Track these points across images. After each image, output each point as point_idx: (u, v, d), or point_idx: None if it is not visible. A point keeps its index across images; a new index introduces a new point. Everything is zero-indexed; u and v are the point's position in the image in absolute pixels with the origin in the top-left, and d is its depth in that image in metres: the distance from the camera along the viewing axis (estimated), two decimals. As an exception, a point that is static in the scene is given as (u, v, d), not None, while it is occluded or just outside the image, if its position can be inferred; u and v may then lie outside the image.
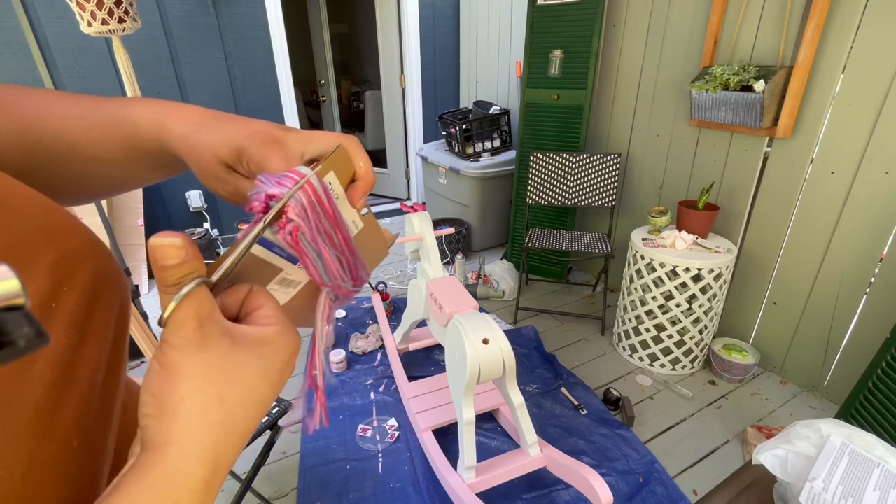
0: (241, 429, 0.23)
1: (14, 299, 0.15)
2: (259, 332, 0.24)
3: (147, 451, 0.21)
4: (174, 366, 0.21)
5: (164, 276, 0.21)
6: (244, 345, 0.23)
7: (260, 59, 3.00)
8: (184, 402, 0.21)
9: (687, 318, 1.91)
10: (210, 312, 0.22)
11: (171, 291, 0.21)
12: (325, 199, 0.28)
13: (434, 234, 1.70)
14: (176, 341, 0.21)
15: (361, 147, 0.32)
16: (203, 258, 0.23)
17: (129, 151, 0.32)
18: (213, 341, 0.22)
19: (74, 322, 0.23)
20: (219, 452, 0.22)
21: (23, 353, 0.15)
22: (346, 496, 1.46)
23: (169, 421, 0.21)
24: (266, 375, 0.24)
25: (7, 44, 2.34)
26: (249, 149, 0.29)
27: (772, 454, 0.68)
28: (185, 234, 0.22)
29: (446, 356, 1.39)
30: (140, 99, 0.33)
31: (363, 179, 0.32)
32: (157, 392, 0.21)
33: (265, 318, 0.25)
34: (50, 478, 0.21)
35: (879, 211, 1.60)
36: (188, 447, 0.21)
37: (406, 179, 4.08)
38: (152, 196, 2.88)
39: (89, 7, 1.35)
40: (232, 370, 0.22)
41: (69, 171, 0.33)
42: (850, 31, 1.56)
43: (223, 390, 0.22)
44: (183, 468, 0.20)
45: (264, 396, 0.24)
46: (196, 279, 0.22)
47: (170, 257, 0.21)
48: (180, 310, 0.21)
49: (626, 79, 2.40)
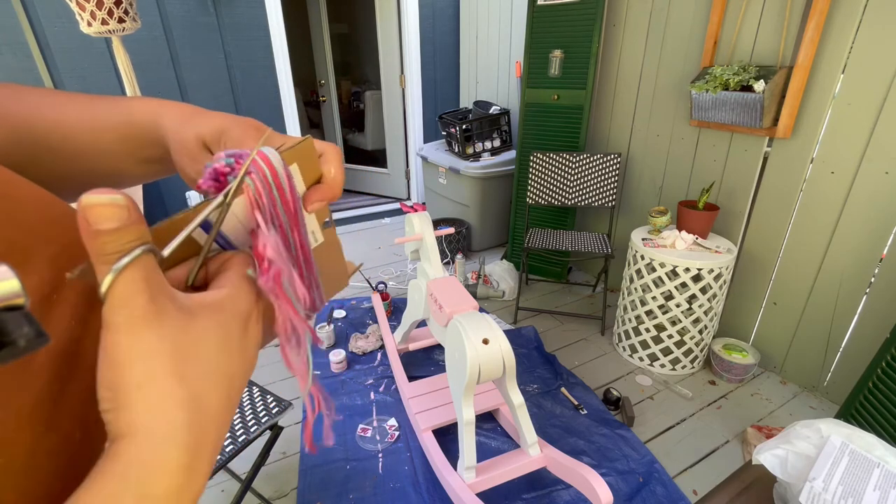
0: (214, 405, 0.21)
1: (14, 299, 0.15)
2: (212, 296, 0.23)
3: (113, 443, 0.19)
4: (122, 350, 0.19)
5: (101, 244, 0.18)
6: (202, 314, 0.21)
7: (260, 59, 3.00)
8: (140, 390, 0.19)
9: (687, 318, 1.91)
10: (161, 283, 0.20)
11: (110, 261, 0.18)
12: (287, 185, 0.26)
13: (434, 234, 1.70)
14: (122, 320, 0.18)
15: (340, 157, 0.31)
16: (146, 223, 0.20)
17: (123, 142, 0.32)
18: (167, 316, 0.19)
19: (76, 314, 0.23)
20: (192, 432, 0.20)
21: (23, 353, 0.15)
22: (346, 496, 1.46)
23: (129, 412, 0.19)
24: (226, 344, 0.22)
25: (7, 44, 2.34)
26: (232, 130, 0.30)
27: (772, 454, 0.68)
28: (127, 194, 0.19)
29: (446, 356, 1.39)
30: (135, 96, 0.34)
31: (328, 184, 0.30)
32: (111, 384, 0.19)
33: (220, 281, 0.24)
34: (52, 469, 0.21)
35: (879, 211, 1.60)
36: (155, 433, 0.19)
37: (406, 179, 4.08)
38: (152, 197, 2.88)
39: (89, 7, 1.35)
40: (190, 345, 0.20)
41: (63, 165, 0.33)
42: (850, 31, 1.56)
43: (182, 368, 0.20)
44: (153, 454, 0.19)
45: (231, 367, 0.22)
46: (142, 246, 0.19)
47: (108, 219, 0.18)
48: (124, 282, 0.18)
49: (626, 79, 2.40)
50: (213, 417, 0.21)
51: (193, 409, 0.20)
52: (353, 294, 2.71)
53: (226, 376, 0.22)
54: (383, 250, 3.33)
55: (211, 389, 0.21)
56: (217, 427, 0.22)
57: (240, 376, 0.23)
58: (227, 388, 0.22)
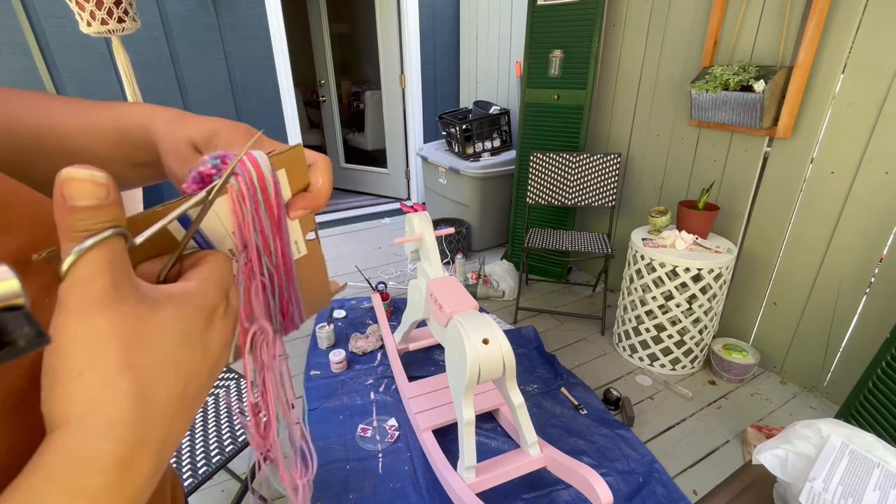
0: (162, 397, 0.20)
1: (14, 299, 0.15)
2: (179, 287, 0.22)
3: (49, 433, 0.18)
4: (69, 335, 0.17)
5: (73, 220, 0.17)
6: (166, 305, 0.21)
7: (260, 59, 3.00)
8: (81, 376, 0.18)
9: (687, 318, 1.91)
10: (126, 269, 0.19)
11: (78, 238, 0.17)
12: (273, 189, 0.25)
13: (434, 234, 1.70)
14: (77, 302, 0.17)
15: (330, 168, 0.31)
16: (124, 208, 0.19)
17: (116, 146, 0.33)
18: (125, 304, 0.18)
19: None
20: (136, 425, 0.19)
21: (23, 353, 0.15)
22: (346, 496, 1.46)
23: (66, 399, 0.18)
24: (185, 337, 0.21)
25: (7, 44, 2.34)
26: (223, 132, 0.30)
27: (772, 454, 0.68)
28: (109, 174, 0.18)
29: (446, 356, 1.39)
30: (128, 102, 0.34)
31: (314, 193, 0.29)
32: (51, 369, 0.18)
33: (191, 274, 0.23)
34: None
35: (879, 211, 1.60)
36: (90, 423, 0.18)
37: (406, 179, 4.08)
38: (152, 198, 2.88)
39: (89, 7, 1.35)
40: (145, 334, 0.19)
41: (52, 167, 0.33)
42: (850, 31, 1.56)
43: (131, 357, 0.19)
44: (86, 447, 0.18)
45: (187, 361, 0.21)
46: (114, 227, 0.18)
47: (85, 195, 0.17)
48: (86, 264, 0.17)
49: (626, 79, 2.40)
50: (161, 412, 0.20)
51: (138, 402, 0.19)
52: (353, 294, 2.71)
53: (182, 371, 0.21)
54: (383, 250, 3.33)
55: (163, 383, 0.20)
56: (167, 423, 0.20)
57: (201, 373, 0.22)
58: (182, 384, 0.21)
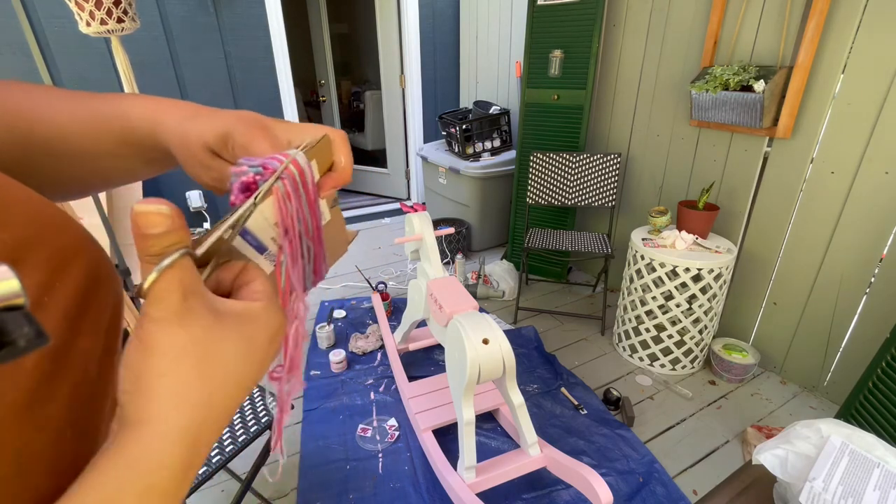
0: (221, 408, 0.22)
1: (14, 299, 0.15)
2: (245, 306, 0.24)
3: (124, 428, 0.20)
4: (154, 340, 0.20)
5: (147, 245, 0.20)
6: (229, 321, 0.22)
7: (260, 59, 3.00)
8: (162, 379, 0.20)
9: (687, 318, 1.91)
10: (195, 285, 0.21)
11: (153, 261, 0.20)
12: (311, 182, 0.28)
13: (434, 234, 1.70)
14: (157, 314, 0.20)
15: (347, 142, 0.32)
16: (189, 230, 0.22)
17: (122, 145, 0.32)
18: (196, 315, 0.21)
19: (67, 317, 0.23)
20: (198, 432, 0.21)
21: (23, 353, 0.15)
22: (346, 496, 1.46)
23: (146, 398, 0.20)
24: (249, 354, 0.23)
25: (7, 44, 2.34)
26: (235, 133, 0.29)
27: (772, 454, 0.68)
28: (173, 204, 0.21)
29: (446, 356, 1.39)
30: (133, 94, 0.33)
31: (339, 172, 0.31)
32: (135, 367, 0.20)
33: (253, 293, 0.25)
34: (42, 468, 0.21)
35: (879, 211, 1.60)
36: (165, 426, 0.20)
37: (406, 179, 4.08)
38: (151, 192, 2.88)
39: (88, 7, 1.35)
40: (214, 347, 0.21)
41: (62, 165, 0.33)
42: (850, 31, 1.56)
43: (204, 367, 0.21)
44: (159, 447, 0.20)
45: (247, 375, 0.23)
46: (181, 250, 0.21)
47: (154, 225, 0.20)
48: (162, 281, 0.20)
49: (626, 79, 2.40)
50: (217, 420, 0.22)
51: (205, 409, 0.21)
52: (353, 294, 2.71)
53: (240, 384, 0.23)
54: (383, 250, 3.33)
55: (224, 394, 0.22)
56: (218, 431, 0.22)
57: (250, 386, 0.24)
58: (237, 396, 0.23)
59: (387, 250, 3.32)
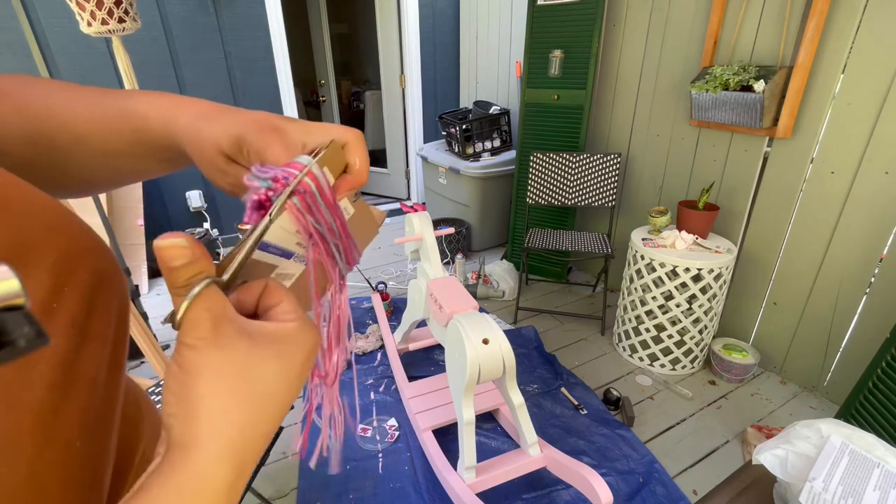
0: (263, 428, 0.23)
1: (14, 299, 0.15)
2: (277, 328, 0.24)
3: (172, 451, 0.21)
4: (192, 365, 0.21)
5: (173, 278, 0.21)
6: (263, 343, 0.23)
7: (260, 59, 3.00)
8: (204, 401, 0.21)
9: (687, 318, 1.91)
10: (223, 310, 0.22)
11: (182, 293, 0.21)
12: (327, 188, 0.28)
13: (434, 234, 1.70)
14: (191, 341, 0.21)
15: (363, 143, 0.31)
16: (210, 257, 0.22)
17: (136, 145, 0.32)
18: (230, 339, 0.22)
19: (75, 322, 0.23)
20: (242, 453, 0.22)
21: (23, 353, 0.15)
22: (346, 496, 1.46)
23: (193, 421, 0.21)
24: (285, 373, 0.24)
25: (7, 44, 2.34)
26: (249, 137, 0.28)
27: (772, 454, 0.68)
28: (189, 235, 0.22)
29: (446, 356, 1.39)
30: (146, 91, 0.32)
31: (353, 175, 0.31)
32: (179, 392, 0.21)
33: (283, 314, 0.25)
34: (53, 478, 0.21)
35: (879, 211, 1.60)
36: (212, 448, 0.21)
37: (406, 179, 4.08)
38: (152, 196, 2.88)
39: (89, 7, 1.35)
40: (251, 368, 0.22)
41: (73, 162, 0.33)
42: (850, 31, 1.56)
43: (243, 389, 0.22)
44: (207, 469, 0.20)
45: (284, 394, 0.24)
46: (205, 279, 0.22)
47: (175, 258, 0.21)
48: (192, 310, 0.21)
49: (626, 79, 2.40)
50: (259, 440, 0.23)
51: (248, 430, 0.22)
52: (353, 294, 2.71)
53: (279, 403, 0.23)
54: (383, 250, 3.33)
55: (264, 415, 0.23)
56: (260, 450, 0.23)
57: (288, 404, 0.25)
58: (277, 415, 0.23)
59: (387, 250, 3.32)
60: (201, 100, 0.32)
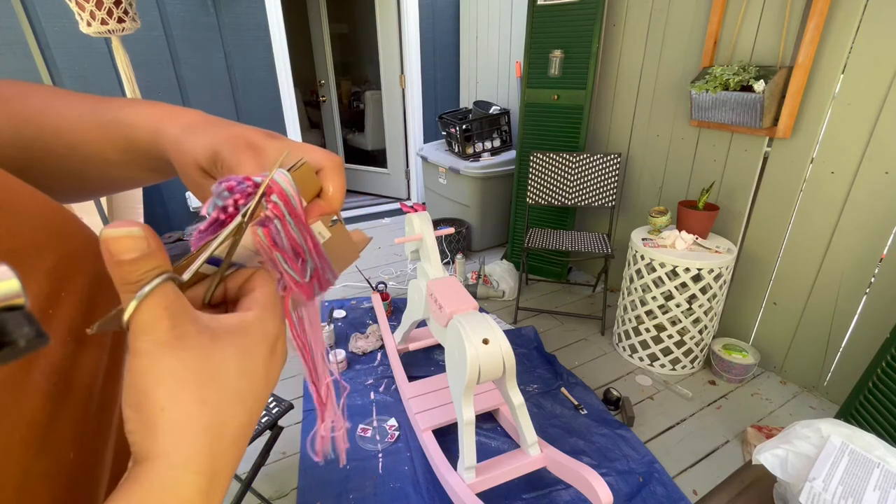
0: (232, 430, 0.21)
1: (14, 299, 0.15)
2: (238, 319, 0.23)
3: (136, 465, 0.19)
4: (147, 374, 0.19)
5: (123, 273, 0.18)
6: (225, 338, 0.21)
7: (260, 59, 3.00)
8: (164, 412, 0.19)
9: (687, 318, 1.91)
10: (183, 309, 0.20)
11: (132, 290, 0.18)
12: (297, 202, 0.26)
13: (434, 234, 1.70)
14: (145, 346, 0.19)
15: (341, 170, 0.30)
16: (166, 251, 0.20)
17: (126, 154, 0.32)
18: (188, 341, 0.20)
19: (72, 329, 0.22)
20: (212, 457, 0.20)
21: (23, 354, 0.15)
22: (346, 496, 1.46)
23: (152, 434, 0.19)
24: (249, 370, 0.22)
25: (7, 44, 2.34)
26: (223, 153, 0.27)
27: (772, 454, 0.68)
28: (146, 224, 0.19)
29: (446, 356, 1.39)
30: (139, 101, 0.32)
31: (326, 201, 0.29)
32: (135, 405, 0.19)
33: (248, 303, 0.24)
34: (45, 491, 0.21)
35: (879, 211, 1.60)
36: (175, 457, 0.19)
37: (406, 179, 4.08)
38: (152, 197, 2.88)
39: (88, 7, 1.35)
40: (212, 369, 0.20)
41: (67, 170, 0.33)
42: (850, 31, 1.56)
43: (204, 392, 0.20)
44: (173, 479, 0.19)
45: (252, 392, 0.22)
46: (162, 274, 0.19)
47: (127, 250, 0.18)
48: (146, 310, 0.19)
49: (626, 79, 2.40)
50: (231, 442, 0.21)
51: (214, 434, 0.20)
52: (353, 294, 2.71)
53: (246, 400, 0.22)
54: (383, 250, 3.33)
55: (231, 414, 0.21)
56: (235, 452, 0.22)
57: (260, 400, 0.23)
58: (247, 413, 0.22)
59: (387, 250, 3.32)
60: (193, 111, 0.31)
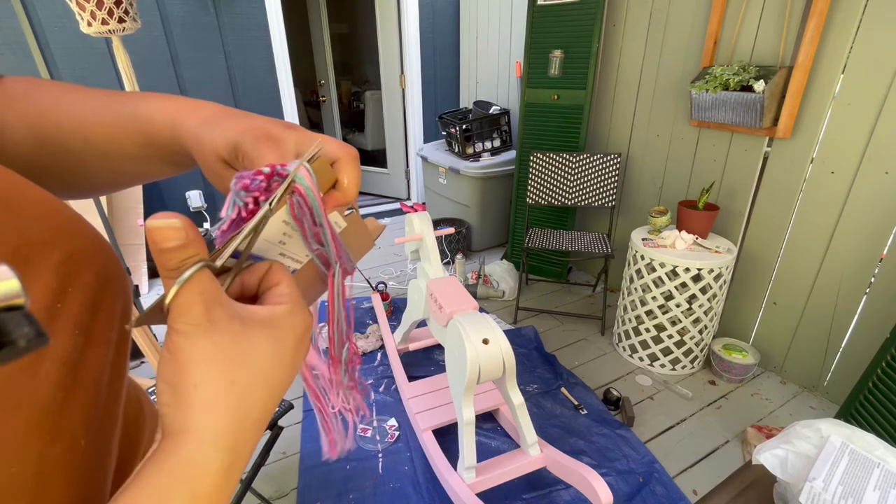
0: (257, 412, 0.23)
1: (14, 299, 0.15)
2: (269, 311, 0.24)
3: (166, 438, 0.21)
4: (183, 352, 0.21)
5: (164, 260, 0.20)
6: (255, 326, 0.23)
7: (260, 59, 3.00)
8: (196, 389, 0.21)
9: (687, 318, 1.91)
10: (216, 296, 0.22)
11: (173, 276, 0.21)
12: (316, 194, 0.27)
13: (434, 234, 1.70)
14: (182, 327, 0.21)
15: (356, 163, 0.31)
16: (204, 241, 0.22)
17: (144, 147, 0.32)
18: (221, 325, 0.21)
19: (80, 323, 0.23)
20: (236, 437, 0.22)
21: (23, 353, 0.15)
22: (346, 496, 1.46)
23: (184, 408, 0.21)
24: (278, 357, 0.24)
25: (7, 44, 2.34)
26: (244, 145, 0.28)
27: (772, 454, 0.68)
28: (184, 216, 0.21)
29: (446, 356, 1.39)
30: (154, 95, 0.32)
31: (341, 192, 0.30)
32: (170, 380, 0.21)
33: (277, 297, 0.25)
34: (59, 477, 0.22)
35: (879, 211, 1.60)
36: (204, 433, 0.21)
37: (406, 179, 4.08)
38: (152, 196, 2.88)
39: (89, 7, 1.35)
40: (242, 353, 0.22)
41: (83, 165, 0.33)
42: (850, 31, 1.56)
43: (234, 374, 0.22)
44: (200, 454, 0.21)
45: (278, 378, 0.24)
46: (198, 262, 0.21)
47: (168, 239, 0.20)
48: (184, 294, 0.21)
49: (626, 79, 2.40)
50: (253, 423, 0.23)
51: (239, 413, 0.22)
52: (354, 294, 2.70)
53: (272, 387, 0.24)
54: (383, 250, 3.33)
55: (256, 398, 0.23)
56: (255, 434, 0.23)
57: (283, 386, 0.25)
58: (270, 398, 0.24)
59: (387, 250, 3.32)
60: (210, 103, 0.31)
